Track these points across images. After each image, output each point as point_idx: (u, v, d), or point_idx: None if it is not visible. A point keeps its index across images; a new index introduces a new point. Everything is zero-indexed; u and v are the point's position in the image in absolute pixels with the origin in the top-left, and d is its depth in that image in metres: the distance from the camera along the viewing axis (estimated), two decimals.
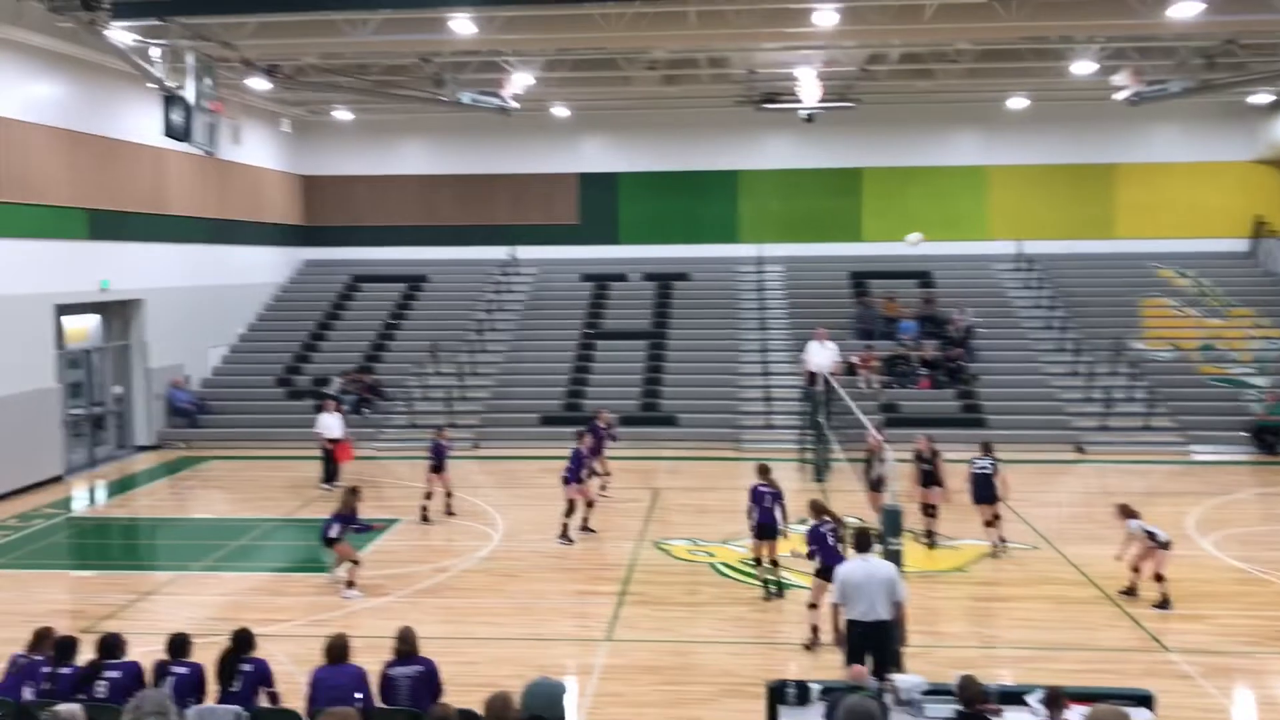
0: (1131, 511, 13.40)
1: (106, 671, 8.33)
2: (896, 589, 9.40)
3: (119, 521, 18.89)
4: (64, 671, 8.43)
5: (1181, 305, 28.17)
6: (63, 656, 8.55)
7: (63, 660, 8.52)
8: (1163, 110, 28.53)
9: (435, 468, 17.89)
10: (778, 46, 22.87)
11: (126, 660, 8.50)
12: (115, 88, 22.69)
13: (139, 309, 24.31)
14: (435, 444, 18.10)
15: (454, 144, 31.85)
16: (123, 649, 8.59)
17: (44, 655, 8.63)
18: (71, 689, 8.29)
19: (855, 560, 9.60)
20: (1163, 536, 13.01)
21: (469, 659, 11.21)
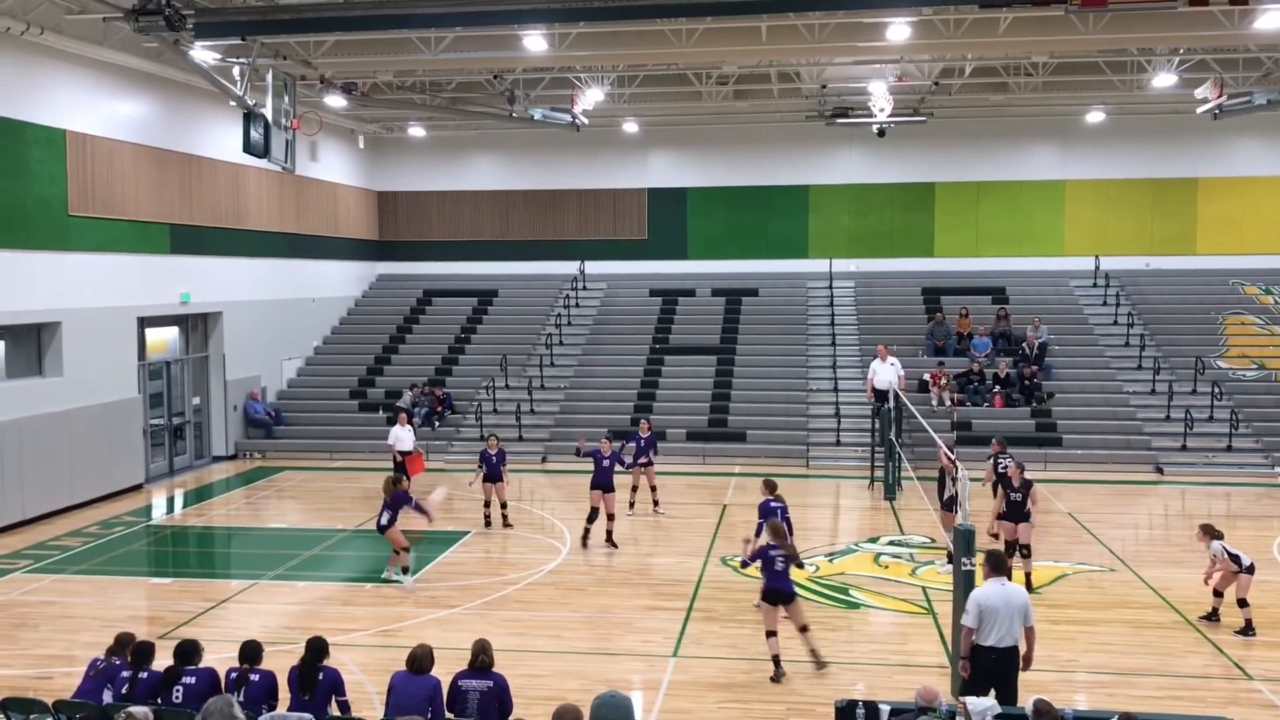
0: (1215, 532, 13.02)
1: (183, 677, 8.50)
2: (1029, 614, 9.13)
3: (196, 530, 19.28)
4: (142, 676, 8.62)
5: (1266, 323, 27.41)
6: (141, 661, 8.73)
7: (141, 665, 8.71)
8: (1246, 123, 27.89)
9: (488, 477, 18.03)
10: (849, 61, 22.77)
11: (202, 667, 8.66)
12: (197, 105, 23.30)
13: (217, 321, 24.87)
14: (484, 453, 18.26)
15: (524, 159, 32.16)
16: (199, 655, 8.76)
17: (123, 660, 8.83)
18: (149, 693, 8.48)
19: (992, 584, 9.17)
20: (1246, 560, 12.65)
21: (535, 672, 11.24)
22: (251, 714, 7.85)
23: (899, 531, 17.85)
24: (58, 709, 8.60)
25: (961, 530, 10.57)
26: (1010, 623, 9.01)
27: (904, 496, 20.25)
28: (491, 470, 18.08)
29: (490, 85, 24.41)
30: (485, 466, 18.11)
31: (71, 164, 19.80)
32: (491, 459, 18.11)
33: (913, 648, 12.26)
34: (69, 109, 19.73)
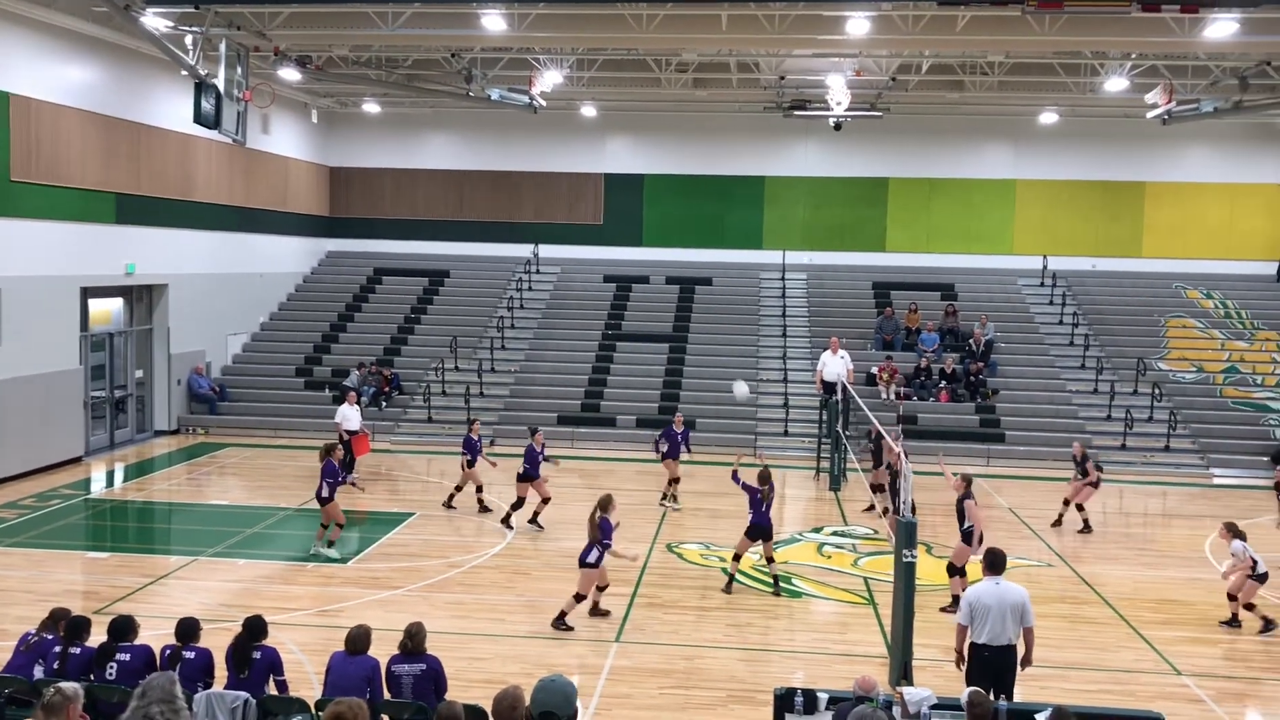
0: (1238, 531, 13.06)
1: (118, 654, 8.38)
2: (1027, 614, 9.08)
3: (135, 504, 19.00)
4: (74, 652, 8.49)
5: (1206, 327, 27.96)
6: (73, 637, 8.59)
7: (73, 640, 8.57)
8: (1195, 130, 28.42)
9: (470, 462, 17.86)
10: (809, 53, 22.84)
11: (138, 643, 8.55)
12: (147, 73, 22.86)
13: (163, 294, 24.47)
14: (467, 438, 18.11)
15: (480, 140, 31.93)
16: (134, 632, 8.64)
17: (55, 635, 8.68)
18: (82, 670, 8.35)
19: (986, 581, 9.19)
20: (1261, 568, 12.77)
21: (477, 655, 11.22)
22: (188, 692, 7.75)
23: (843, 522, 18.02)
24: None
25: (904, 523, 10.69)
26: (1003, 621, 8.97)
27: (849, 488, 20.44)
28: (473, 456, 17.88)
29: (447, 63, 24.20)
30: (469, 451, 17.86)
31: (15, 128, 19.34)
32: (476, 444, 17.96)
33: (853, 637, 12.39)
34: (13, 72, 19.27)
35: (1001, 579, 9.20)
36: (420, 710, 8.09)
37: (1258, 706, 10.82)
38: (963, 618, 9.21)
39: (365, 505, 18.98)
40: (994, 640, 8.97)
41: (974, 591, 9.21)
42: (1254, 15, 17.27)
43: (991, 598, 9.03)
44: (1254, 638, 12.85)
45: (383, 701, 8.18)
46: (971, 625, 9.11)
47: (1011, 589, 9.14)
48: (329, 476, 15.26)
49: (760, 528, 13.67)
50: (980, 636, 9.04)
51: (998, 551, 9.44)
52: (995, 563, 9.28)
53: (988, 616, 8.98)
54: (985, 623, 8.99)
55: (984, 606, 9.02)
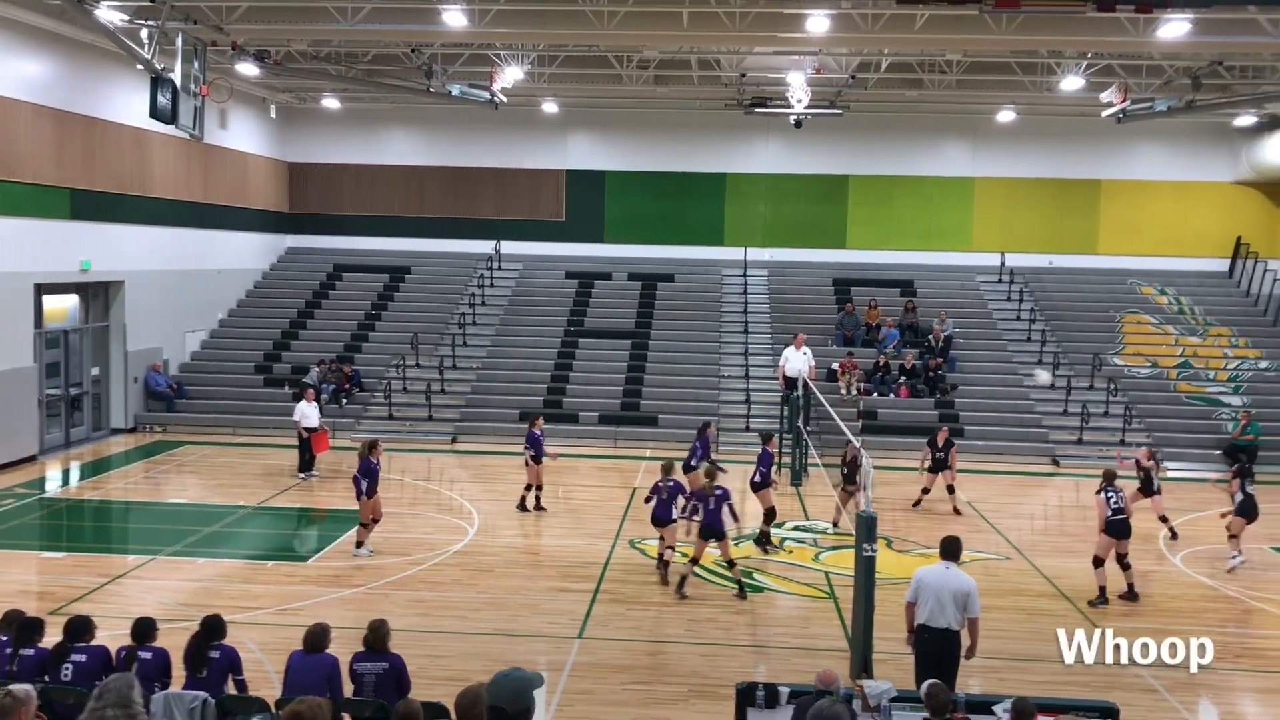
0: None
1: (73, 655, 8.28)
2: (970, 603, 9.35)
3: (91, 503, 18.77)
4: (27, 653, 8.36)
5: (1160, 323, 28.37)
6: (26, 638, 8.46)
7: (25, 641, 8.44)
8: (1149, 128, 28.79)
9: (535, 458, 17.67)
10: (769, 51, 22.93)
11: (94, 644, 8.44)
12: (102, 67, 22.55)
13: (119, 291, 24.16)
14: (531, 434, 17.87)
15: (441, 136, 31.77)
16: (90, 632, 8.52)
17: (8, 636, 8.56)
18: (35, 671, 8.23)
19: (937, 565, 9.62)
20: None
21: (438, 652, 11.20)
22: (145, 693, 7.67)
23: (804, 517, 18.11)
24: None
25: (863, 517, 10.77)
26: (942, 604, 9.29)
27: (810, 483, 20.55)
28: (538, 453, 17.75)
29: (407, 59, 24.05)
30: (534, 448, 17.71)
31: None
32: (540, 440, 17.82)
33: (814, 631, 12.48)
34: None
35: (953, 565, 9.55)
36: (381, 708, 8.05)
37: (1209, 696, 11.01)
38: (909, 595, 9.62)
39: (325, 503, 18.86)
40: (931, 621, 9.33)
41: (921, 571, 9.67)
42: (1206, 16, 17.55)
43: (934, 579, 9.42)
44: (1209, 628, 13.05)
45: (343, 700, 8.14)
46: (916, 604, 9.49)
47: (958, 577, 9.46)
48: (367, 474, 14.96)
49: (710, 528, 13.58)
50: (921, 616, 9.43)
51: (954, 539, 9.86)
52: (949, 550, 9.69)
53: (929, 598, 9.35)
54: (926, 603, 9.37)
55: (925, 586, 9.43)
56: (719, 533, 13.63)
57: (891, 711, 8.00)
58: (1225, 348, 27.32)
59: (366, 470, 14.98)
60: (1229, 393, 25.72)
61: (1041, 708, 7.52)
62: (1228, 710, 10.82)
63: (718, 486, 13.84)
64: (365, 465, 15.00)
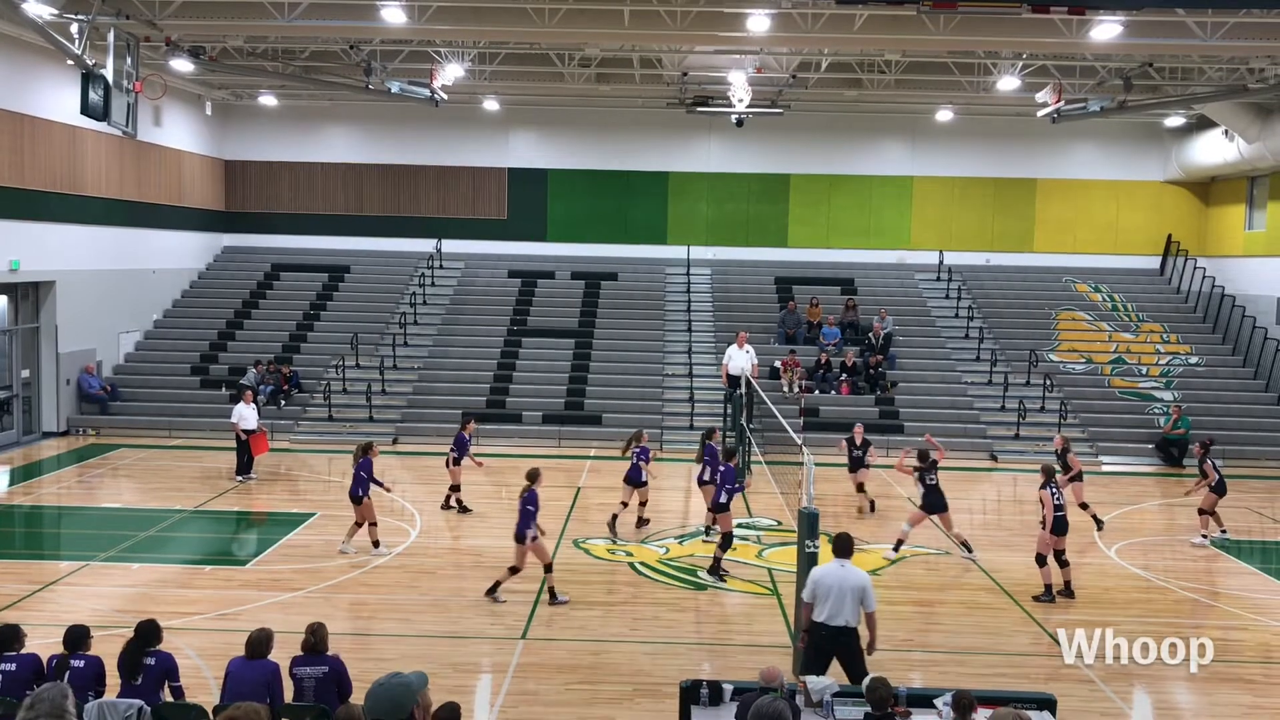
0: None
1: (2, 663, 8.09)
2: (867, 598, 9.44)
3: (22, 509, 18.33)
4: None
5: (1095, 319, 28.91)
6: None
7: None
8: (1083, 129, 29.34)
9: (457, 460, 17.76)
10: (710, 50, 23.01)
11: (24, 652, 8.26)
12: (30, 62, 22.03)
13: (49, 291, 23.61)
14: (460, 436, 17.98)
15: (381, 133, 31.46)
16: (20, 641, 8.33)
17: None
18: None
19: (832, 564, 9.60)
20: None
21: (381, 656, 11.09)
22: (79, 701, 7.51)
23: (747, 514, 18.18)
24: None
25: (805, 513, 10.85)
26: (842, 602, 9.36)
27: (753, 480, 20.63)
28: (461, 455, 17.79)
29: (346, 55, 23.80)
30: (459, 450, 17.78)
31: None
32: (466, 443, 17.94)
33: (758, 628, 12.54)
34: None
35: (848, 562, 9.61)
36: (322, 713, 7.96)
37: (1142, 685, 11.23)
38: (806, 594, 9.65)
39: (264, 506, 18.60)
40: (831, 620, 9.38)
41: (818, 572, 9.67)
42: (1137, 19, 17.94)
43: (833, 579, 9.47)
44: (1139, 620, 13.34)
45: (283, 705, 8.04)
46: (815, 604, 9.51)
47: (854, 573, 9.55)
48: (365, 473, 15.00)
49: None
50: (820, 615, 9.46)
51: (845, 536, 9.91)
52: (842, 547, 9.74)
53: (829, 596, 9.40)
54: (826, 602, 9.41)
55: (825, 586, 9.45)
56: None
57: (834, 707, 8.06)
58: (1157, 344, 27.91)
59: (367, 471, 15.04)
60: (1161, 388, 26.28)
61: (981, 700, 7.63)
62: (1161, 699, 11.04)
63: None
64: (367, 465, 15.06)
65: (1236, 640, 12.68)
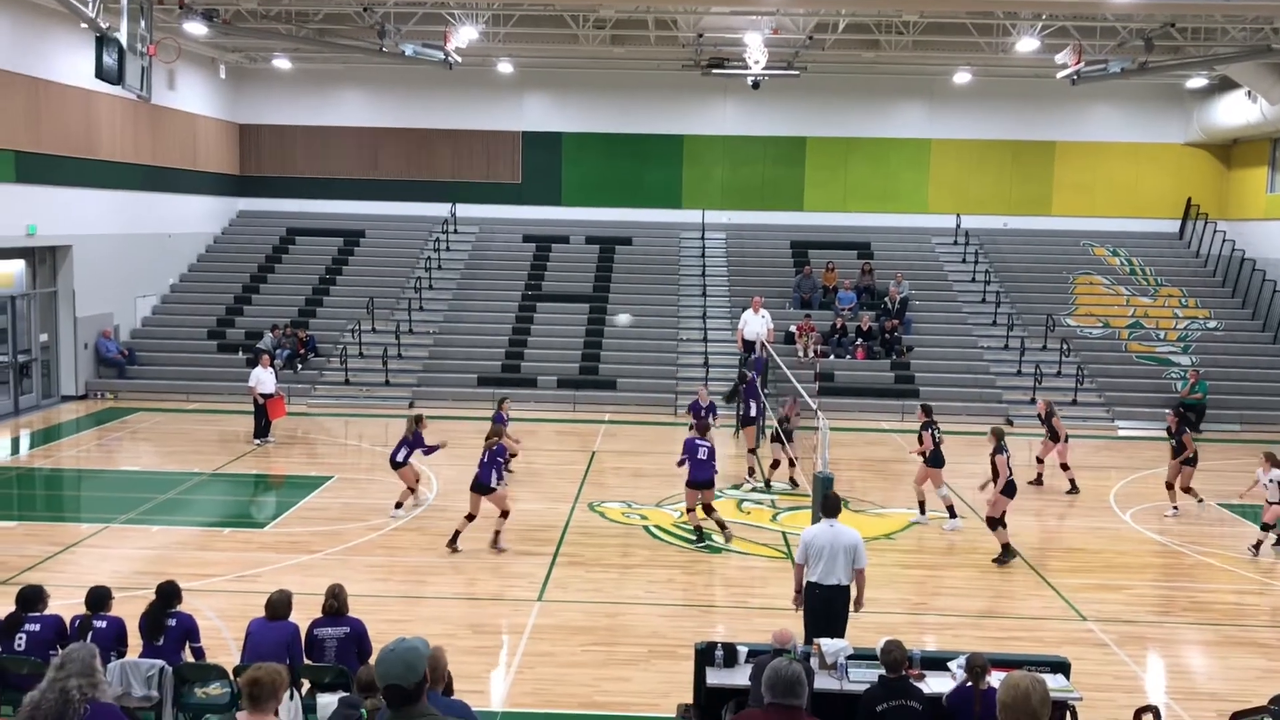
0: (1278, 461, 14.10)
1: (26, 624, 8.21)
2: (859, 555, 9.56)
3: (42, 472, 18.51)
4: None
5: (1112, 283, 28.73)
6: None
7: None
8: (1102, 90, 29.00)
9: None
10: (726, 11, 22.79)
11: (47, 613, 8.37)
12: (45, 26, 22.00)
13: (66, 255, 23.71)
14: (498, 414, 17.80)
15: (395, 96, 31.34)
16: (44, 602, 8.45)
17: None
18: None
19: (822, 524, 9.73)
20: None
21: (398, 618, 11.19)
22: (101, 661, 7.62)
23: (762, 478, 18.22)
24: None
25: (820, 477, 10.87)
26: (835, 561, 9.48)
27: (767, 445, 20.65)
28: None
29: (359, 17, 23.64)
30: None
31: None
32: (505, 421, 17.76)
33: (772, 591, 12.59)
34: None
35: (836, 521, 9.72)
36: (341, 673, 8.06)
37: (1157, 649, 11.26)
38: (799, 556, 9.77)
39: (282, 469, 18.74)
40: (824, 579, 9.51)
41: (809, 533, 9.78)
42: None
43: (825, 538, 9.58)
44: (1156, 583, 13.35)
45: (303, 665, 8.14)
46: (807, 565, 9.64)
47: (845, 531, 9.66)
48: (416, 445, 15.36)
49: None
50: (813, 575, 9.59)
51: (832, 496, 10.08)
52: (830, 506, 9.89)
53: (822, 556, 9.53)
54: (819, 562, 9.53)
55: (818, 547, 9.56)
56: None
57: (848, 669, 8.12)
58: (1175, 308, 27.74)
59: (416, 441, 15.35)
60: (1179, 352, 26.16)
61: (995, 663, 7.66)
62: (1174, 663, 11.07)
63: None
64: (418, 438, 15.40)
65: (1251, 604, 12.70)
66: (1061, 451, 17.84)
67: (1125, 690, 9.98)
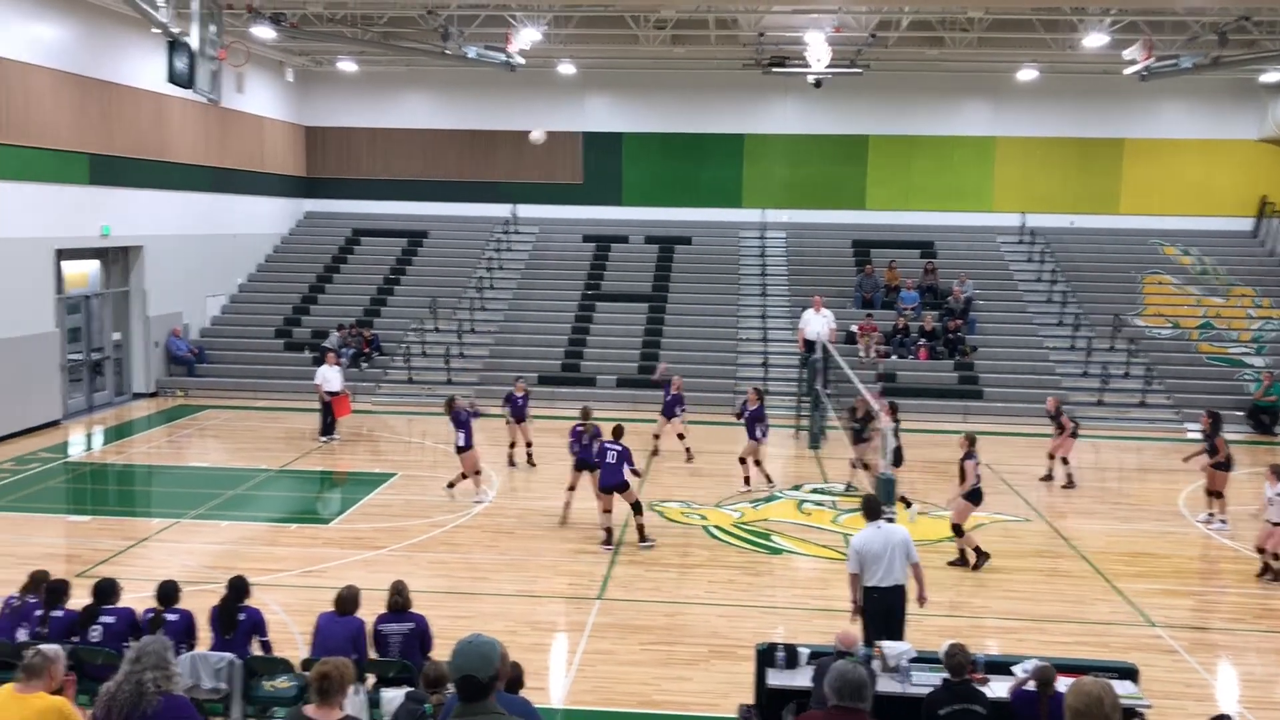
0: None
1: (101, 616, 8.41)
2: (911, 551, 9.49)
3: (115, 467, 18.94)
4: (57, 615, 8.50)
5: (1183, 283, 28.13)
6: (54, 600, 8.60)
7: (55, 604, 8.58)
8: (1173, 86, 28.37)
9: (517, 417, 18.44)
10: (787, 9, 22.69)
11: (120, 606, 8.57)
12: (118, 32, 22.53)
13: (138, 256, 24.26)
14: (510, 395, 18.53)
15: (458, 98, 31.63)
16: (117, 594, 8.65)
17: (37, 598, 8.68)
18: (64, 632, 8.37)
19: (869, 529, 9.54)
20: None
21: (460, 613, 11.30)
22: None
23: (822, 479, 18.14)
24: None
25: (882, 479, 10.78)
26: (892, 562, 9.37)
27: (828, 445, 20.56)
28: (516, 412, 18.39)
29: (423, 20, 23.89)
30: (510, 408, 18.39)
31: None
32: (517, 401, 18.41)
33: (832, 593, 12.49)
34: None
35: (883, 523, 9.58)
36: (405, 668, 8.16)
37: (1229, 657, 11.02)
38: (852, 566, 9.57)
39: (347, 466, 19.00)
40: (883, 581, 9.39)
41: (860, 539, 9.55)
42: None
43: (878, 542, 9.43)
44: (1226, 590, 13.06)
45: (368, 660, 8.24)
46: (863, 572, 9.46)
47: (895, 530, 9.58)
48: (462, 427, 15.82)
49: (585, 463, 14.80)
50: (871, 580, 9.43)
51: (872, 498, 9.95)
52: (872, 509, 9.71)
53: (879, 561, 9.38)
54: (878, 567, 9.38)
55: (873, 553, 9.41)
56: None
57: (911, 672, 8.05)
58: (1248, 308, 27.09)
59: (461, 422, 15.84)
60: (1251, 354, 25.55)
61: (1061, 668, 7.55)
62: (1246, 671, 10.82)
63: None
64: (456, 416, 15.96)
65: None
66: (1067, 446, 17.99)
67: (1196, 698, 9.78)
